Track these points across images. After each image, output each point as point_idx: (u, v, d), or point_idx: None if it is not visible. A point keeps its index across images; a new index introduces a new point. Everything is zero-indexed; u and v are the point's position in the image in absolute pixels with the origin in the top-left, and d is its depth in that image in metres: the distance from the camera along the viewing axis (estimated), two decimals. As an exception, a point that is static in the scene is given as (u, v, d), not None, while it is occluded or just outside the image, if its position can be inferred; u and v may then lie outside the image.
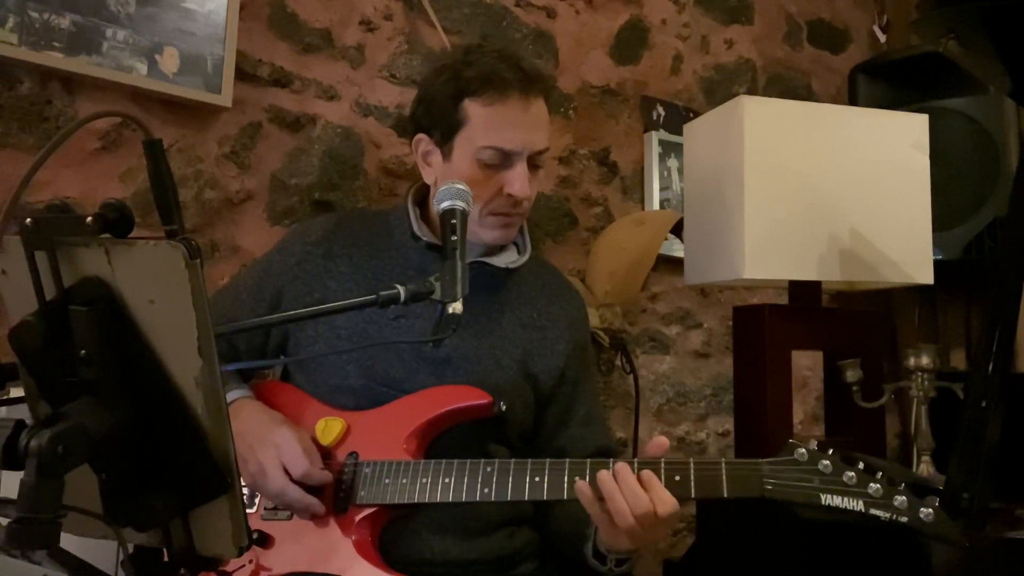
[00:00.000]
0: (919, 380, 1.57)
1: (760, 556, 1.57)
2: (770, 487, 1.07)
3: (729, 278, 1.76)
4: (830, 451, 1.08)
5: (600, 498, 1.07)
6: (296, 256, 1.36)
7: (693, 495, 1.08)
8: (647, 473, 1.06)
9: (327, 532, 1.18)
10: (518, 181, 1.27)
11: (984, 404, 1.30)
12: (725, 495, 1.08)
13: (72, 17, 1.66)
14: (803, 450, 1.07)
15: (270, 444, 1.17)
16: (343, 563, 1.15)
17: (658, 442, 1.11)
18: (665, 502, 1.05)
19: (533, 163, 1.30)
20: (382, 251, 1.37)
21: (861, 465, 1.06)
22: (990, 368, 1.32)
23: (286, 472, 1.16)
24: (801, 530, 1.48)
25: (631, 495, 1.04)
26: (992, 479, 1.30)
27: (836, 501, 1.05)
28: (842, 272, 1.74)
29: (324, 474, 1.17)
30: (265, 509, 1.22)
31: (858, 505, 1.04)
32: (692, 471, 1.08)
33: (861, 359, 1.63)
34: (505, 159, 1.27)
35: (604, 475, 1.07)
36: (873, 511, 1.04)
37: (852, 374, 1.62)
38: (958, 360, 2.79)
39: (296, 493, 1.16)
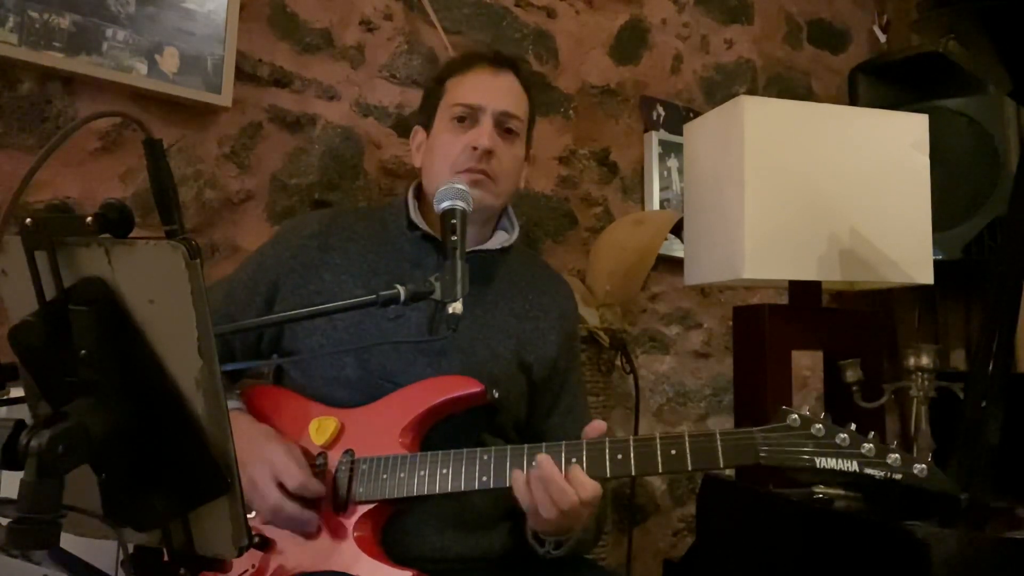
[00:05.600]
0: (919, 380, 1.57)
1: (760, 556, 1.57)
2: (765, 454, 1.07)
3: (729, 278, 1.76)
4: (822, 415, 1.08)
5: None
6: (291, 249, 1.37)
7: (690, 467, 1.09)
8: (572, 466, 1.10)
9: (329, 532, 1.17)
10: (483, 135, 1.33)
11: (984, 404, 1.30)
12: (722, 465, 1.09)
13: (72, 17, 1.66)
14: (795, 416, 1.08)
15: (262, 460, 1.15)
16: (348, 561, 1.15)
17: (595, 426, 1.15)
18: (586, 487, 1.08)
19: (504, 126, 1.36)
20: (377, 244, 1.38)
21: (853, 427, 1.07)
22: (990, 368, 1.32)
23: (281, 487, 1.15)
24: (801, 530, 1.48)
25: (557, 491, 1.08)
26: (992, 479, 1.30)
27: (831, 463, 1.05)
28: (842, 272, 1.74)
29: (320, 486, 1.17)
30: None
31: (852, 466, 1.05)
32: (687, 444, 1.09)
33: (861, 359, 1.62)
34: (472, 116, 1.35)
35: (531, 475, 1.11)
36: (868, 470, 1.05)
37: (852, 374, 1.61)
38: (958, 360, 2.79)
39: (293, 508, 1.14)
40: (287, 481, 1.14)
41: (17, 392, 0.71)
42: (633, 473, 1.11)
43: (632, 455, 1.10)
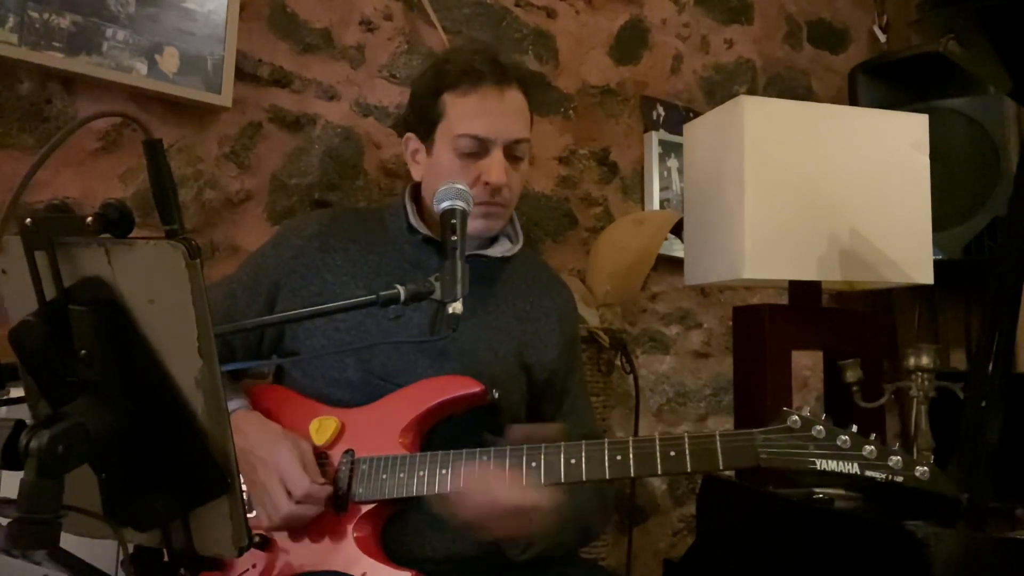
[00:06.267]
0: (919, 380, 1.57)
1: (760, 556, 1.57)
2: (765, 456, 1.07)
3: (729, 278, 1.76)
4: (823, 416, 1.08)
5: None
6: (292, 250, 1.36)
7: (689, 469, 1.09)
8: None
9: (329, 531, 1.18)
10: (494, 169, 1.29)
11: (984, 404, 1.30)
12: (721, 467, 1.09)
13: (72, 17, 1.66)
14: (796, 417, 1.07)
15: (271, 466, 1.16)
16: (347, 561, 1.15)
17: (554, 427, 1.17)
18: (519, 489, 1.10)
19: (512, 153, 1.32)
20: (378, 246, 1.38)
21: (854, 428, 1.07)
22: (990, 368, 1.32)
23: (288, 493, 1.15)
24: (801, 530, 1.48)
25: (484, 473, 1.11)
26: (992, 479, 1.30)
27: (832, 465, 1.05)
28: (842, 272, 1.74)
29: (324, 490, 1.17)
30: None
31: (853, 468, 1.05)
32: (687, 446, 1.09)
33: (861, 359, 1.62)
34: (481, 147, 1.30)
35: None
36: (869, 473, 1.04)
37: (852, 374, 1.61)
38: (958, 360, 2.79)
39: (303, 514, 1.16)
40: (293, 490, 1.15)
41: (17, 392, 0.71)
42: (632, 474, 1.11)
43: (631, 456, 1.10)
